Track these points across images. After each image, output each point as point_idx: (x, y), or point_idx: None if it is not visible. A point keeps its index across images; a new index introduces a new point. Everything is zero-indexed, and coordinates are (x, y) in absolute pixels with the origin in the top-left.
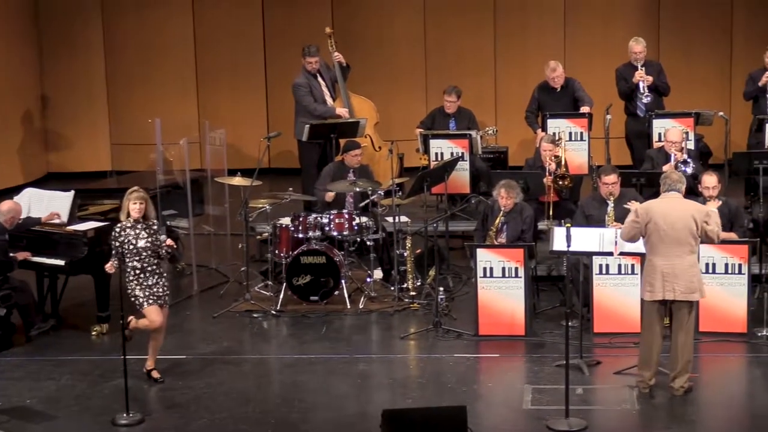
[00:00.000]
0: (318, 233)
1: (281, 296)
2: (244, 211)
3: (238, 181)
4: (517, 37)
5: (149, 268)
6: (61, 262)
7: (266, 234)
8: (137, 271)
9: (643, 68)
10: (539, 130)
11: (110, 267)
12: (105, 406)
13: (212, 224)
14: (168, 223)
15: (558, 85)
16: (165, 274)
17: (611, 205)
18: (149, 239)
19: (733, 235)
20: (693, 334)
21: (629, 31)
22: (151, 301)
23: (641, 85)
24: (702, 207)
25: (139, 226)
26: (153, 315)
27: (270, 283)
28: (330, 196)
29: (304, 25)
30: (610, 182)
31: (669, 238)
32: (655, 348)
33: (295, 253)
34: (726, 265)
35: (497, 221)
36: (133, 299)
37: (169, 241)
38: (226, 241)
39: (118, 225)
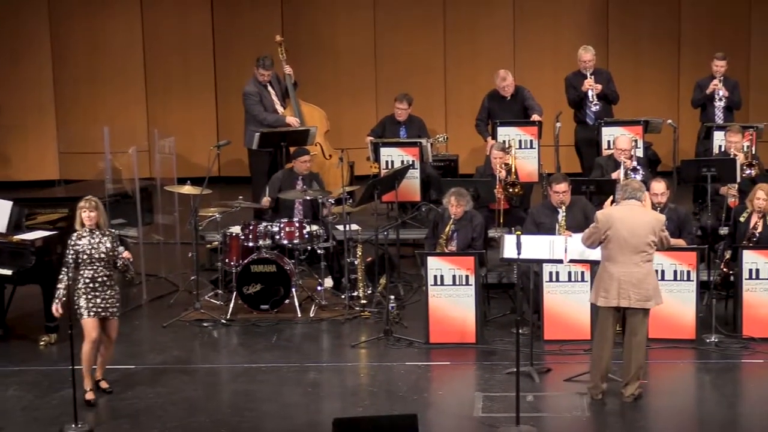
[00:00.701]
0: (268, 242)
1: (231, 305)
2: (194, 220)
3: (187, 189)
4: (467, 45)
5: (99, 279)
6: (8, 272)
7: (216, 243)
8: (87, 281)
9: (593, 76)
10: (489, 138)
11: (56, 310)
12: (53, 416)
13: (162, 233)
14: (117, 232)
15: (508, 93)
16: (116, 286)
17: (562, 213)
18: (108, 248)
19: (681, 242)
20: (645, 342)
21: (578, 39)
22: (92, 314)
23: (590, 93)
24: (660, 216)
25: (96, 234)
26: (89, 327)
27: (220, 292)
28: (266, 201)
29: (254, 33)
30: (561, 190)
31: (628, 246)
32: (606, 354)
33: (246, 261)
34: (675, 272)
35: (447, 229)
36: (76, 307)
37: (126, 254)
38: (175, 250)
39: (75, 233)
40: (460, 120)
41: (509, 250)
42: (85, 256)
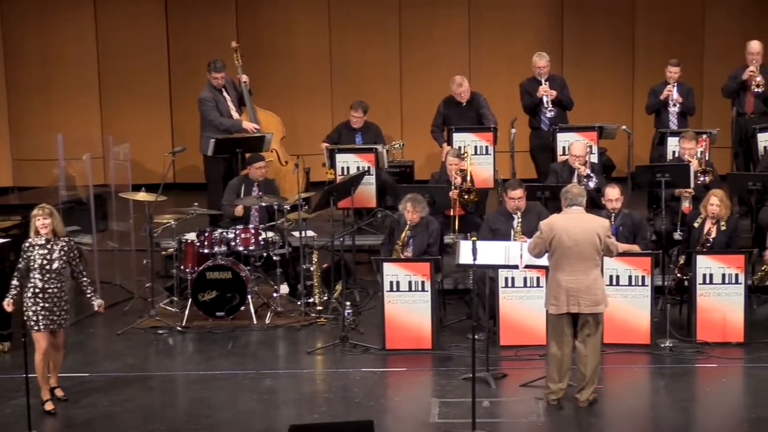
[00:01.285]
0: (224, 248)
1: (187, 312)
2: (149, 227)
3: (142, 196)
4: (423, 51)
5: (50, 290)
6: None
7: (171, 249)
8: (37, 290)
9: (547, 83)
10: (445, 144)
11: (7, 305)
12: (7, 425)
13: (116, 240)
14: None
15: (464, 99)
16: (66, 297)
17: (517, 219)
18: (62, 260)
19: (636, 248)
20: (600, 346)
21: (533, 46)
22: (42, 326)
23: (545, 99)
24: (605, 221)
25: (50, 245)
26: (40, 340)
27: (175, 299)
28: (239, 210)
29: (210, 38)
30: (516, 197)
31: (573, 253)
32: (561, 360)
33: (201, 268)
34: (629, 277)
35: (403, 235)
36: (26, 318)
37: (100, 308)
38: (130, 257)
39: (28, 241)
40: (416, 126)
41: (465, 256)
42: (36, 266)
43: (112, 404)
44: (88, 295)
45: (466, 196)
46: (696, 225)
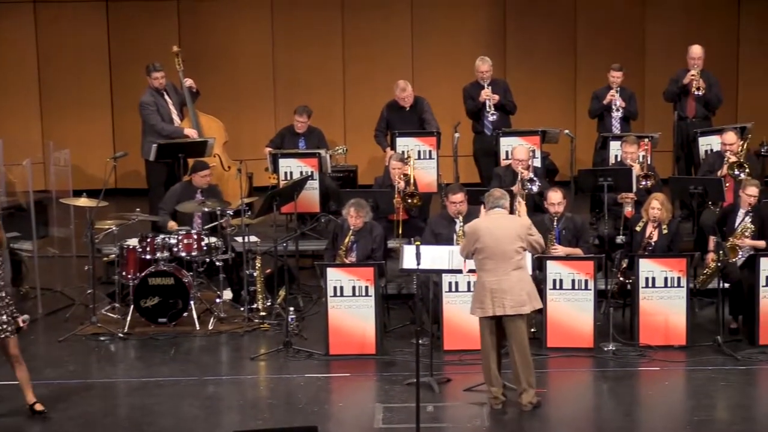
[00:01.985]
0: (166, 254)
1: (129, 318)
2: (90, 233)
3: (83, 202)
4: (366, 55)
5: None
6: None
7: (113, 255)
8: None
9: (490, 87)
10: (388, 149)
11: None
12: None
13: (57, 246)
14: (11, 245)
15: (407, 104)
16: (11, 304)
17: (460, 223)
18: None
19: (578, 251)
20: (529, 348)
21: (476, 51)
22: None
23: (488, 103)
24: (525, 221)
25: None
26: None
27: (117, 305)
28: (172, 226)
29: (151, 43)
30: (457, 201)
31: (496, 254)
32: (493, 364)
33: (143, 274)
34: (573, 281)
35: (347, 240)
36: None
37: (24, 324)
38: (71, 263)
39: None
40: (359, 131)
41: (408, 260)
42: None
43: (53, 412)
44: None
45: (409, 200)
46: (638, 229)
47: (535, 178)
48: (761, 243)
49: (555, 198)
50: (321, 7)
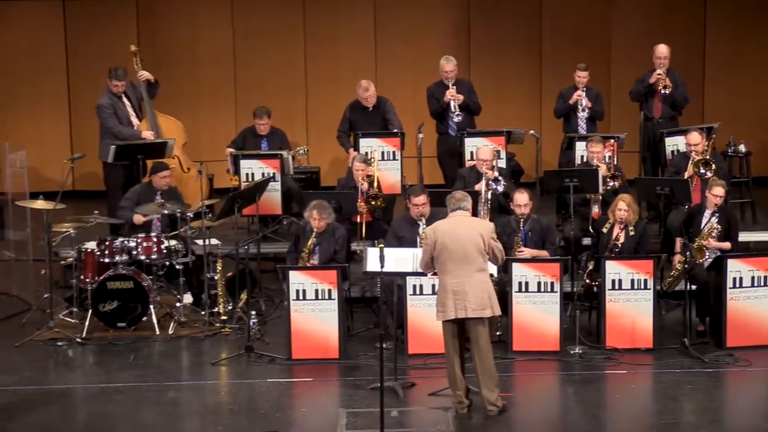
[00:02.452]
0: (125, 257)
1: (87, 323)
2: (47, 236)
3: (40, 204)
4: (328, 55)
5: None
6: None
7: (71, 259)
8: None
9: (454, 87)
10: (351, 150)
11: None
12: None
13: (13, 249)
14: None
15: (370, 104)
16: None
17: (423, 225)
18: None
19: (544, 253)
20: (491, 352)
21: (439, 50)
22: None
23: (452, 104)
24: (489, 224)
25: None
26: None
27: (75, 309)
28: (139, 219)
29: (109, 42)
30: (420, 203)
31: (457, 256)
32: (457, 368)
33: (101, 278)
34: (538, 283)
35: (309, 243)
36: None
37: None
38: (28, 266)
39: None
40: (322, 131)
41: (372, 263)
42: None
43: (8, 419)
44: None
45: (373, 202)
46: (605, 230)
47: (500, 178)
48: (727, 245)
49: (521, 199)
50: (282, 6)
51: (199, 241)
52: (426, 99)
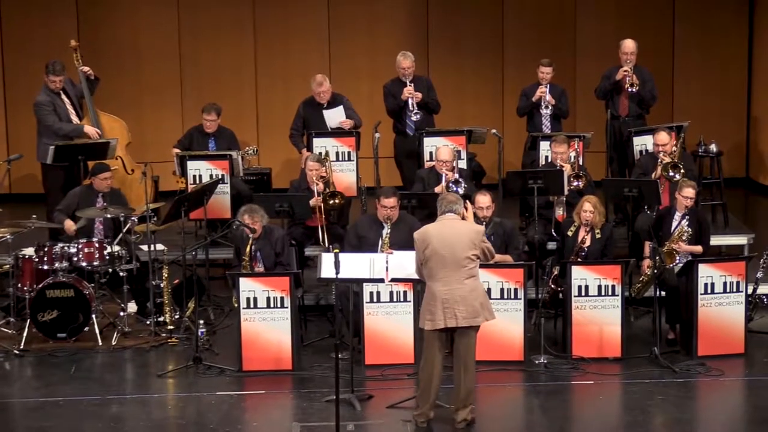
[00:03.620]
0: (65, 264)
1: (25, 334)
2: None
3: None
4: (279, 49)
5: None
6: None
7: (7, 266)
8: None
9: (412, 84)
10: (304, 150)
11: None
12: None
13: None
14: None
15: (324, 100)
16: None
17: (387, 229)
18: None
19: (508, 258)
20: (475, 363)
21: (396, 45)
22: None
23: (410, 102)
24: (479, 227)
25: None
26: None
27: (12, 319)
28: (70, 227)
29: (47, 36)
30: (389, 205)
31: (447, 262)
32: (435, 380)
33: (40, 286)
34: (501, 289)
35: (248, 249)
36: None
37: None
38: None
39: None
40: (273, 130)
41: (327, 269)
42: None
43: None
44: None
45: (331, 201)
46: (570, 233)
47: (460, 180)
48: (698, 248)
49: (483, 202)
50: None
51: (144, 247)
52: (383, 96)
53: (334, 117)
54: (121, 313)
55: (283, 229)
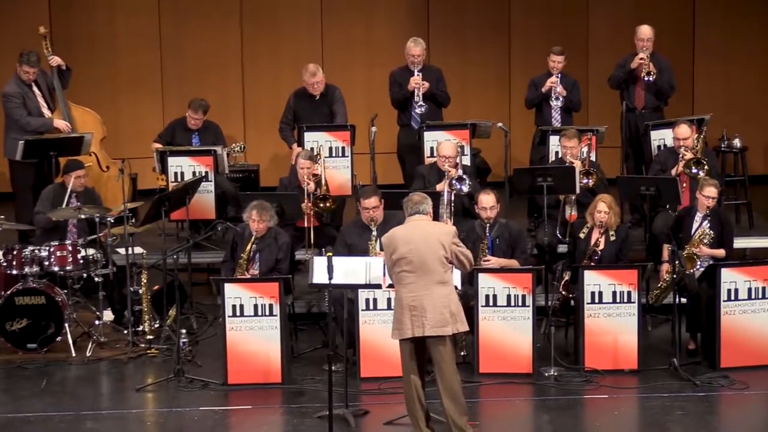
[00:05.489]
0: (36, 269)
1: None
2: None
3: None
4: (268, 37)
5: None
6: None
7: None
8: None
9: (420, 74)
10: (295, 145)
11: None
12: None
13: None
14: None
15: (317, 91)
16: None
17: (374, 232)
18: None
19: (514, 263)
20: (456, 373)
21: (394, 33)
22: None
23: (416, 92)
24: (449, 228)
25: None
26: None
27: None
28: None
29: (14, 23)
30: (370, 206)
31: (414, 266)
32: (416, 392)
33: (9, 292)
34: (508, 296)
35: (248, 248)
36: None
37: None
38: None
39: None
40: (261, 125)
41: (319, 274)
42: None
43: None
44: None
45: (321, 205)
46: (582, 236)
47: (464, 177)
48: (721, 252)
49: (487, 201)
50: None
51: (121, 250)
52: (388, 85)
53: None
54: (97, 322)
55: (289, 236)
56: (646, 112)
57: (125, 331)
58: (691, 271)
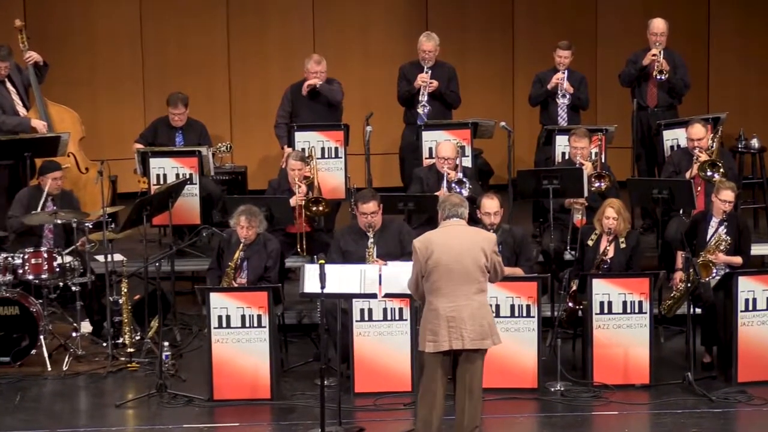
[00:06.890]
0: (9, 277)
1: None
2: None
3: None
4: (256, 32)
5: None
6: None
7: None
8: None
9: (429, 71)
10: (286, 146)
11: None
12: None
13: None
14: None
15: (319, 81)
16: None
17: (372, 238)
18: None
19: (518, 271)
20: (482, 391)
21: (391, 27)
22: None
23: (422, 90)
24: (491, 235)
25: None
26: None
27: None
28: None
29: None
30: (369, 211)
31: (454, 274)
32: (437, 410)
33: None
34: (512, 306)
35: (236, 256)
36: None
37: None
38: None
39: None
40: (249, 124)
41: (311, 283)
42: None
43: None
44: None
45: (314, 208)
46: (590, 242)
47: (464, 180)
48: (737, 259)
49: (490, 206)
50: None
51: (100, 257)
52: (397, 79)
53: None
54: (74, 334)
55: (278, 242)
56: (658, 110)
57: (104, 344)
58: (707, 279)
